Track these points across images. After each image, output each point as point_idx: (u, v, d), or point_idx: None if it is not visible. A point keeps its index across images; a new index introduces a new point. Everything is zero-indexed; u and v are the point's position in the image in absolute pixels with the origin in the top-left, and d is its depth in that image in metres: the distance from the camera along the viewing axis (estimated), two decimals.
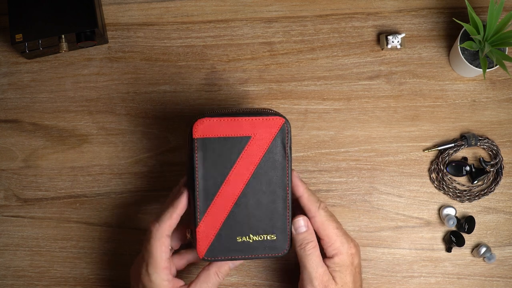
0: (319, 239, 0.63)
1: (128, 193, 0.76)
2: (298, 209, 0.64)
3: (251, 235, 0.62)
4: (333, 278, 0.62)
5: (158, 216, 0.62)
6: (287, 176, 0.62)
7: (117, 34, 0.79)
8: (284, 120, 0.61)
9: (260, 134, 0.61)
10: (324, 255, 0.63)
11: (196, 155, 0.61)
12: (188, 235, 0.65)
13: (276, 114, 0.62)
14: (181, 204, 0.61)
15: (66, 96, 0.78)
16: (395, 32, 0.78)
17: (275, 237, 0.62)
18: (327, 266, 0.62)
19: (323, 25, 0.79)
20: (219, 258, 0.62)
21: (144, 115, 0.78)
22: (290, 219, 0.63)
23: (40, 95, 0.78)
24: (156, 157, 0.77)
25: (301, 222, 0.63)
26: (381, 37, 0.78)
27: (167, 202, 0.64)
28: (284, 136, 0.62)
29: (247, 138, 0.61)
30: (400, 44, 0.77)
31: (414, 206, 0.76)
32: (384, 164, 0.76)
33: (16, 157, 0.77)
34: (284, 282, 0.74)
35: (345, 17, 0.80)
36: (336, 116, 0.77)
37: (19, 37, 0.73)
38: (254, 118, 0.61)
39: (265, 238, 0.62)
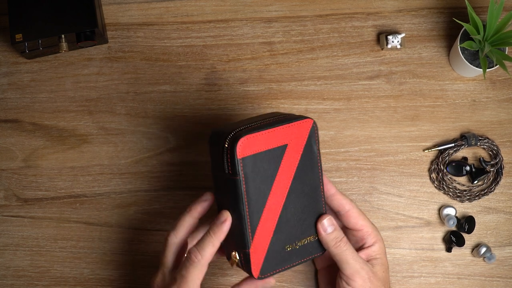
0: (354, 231, 0.64)
1: (128, 193, 0.76)
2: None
3: (296, 242, 0.61)
4: (373, 265, 0.63)
5: (198, 242, 0.59)
6: (320, 175, 0.62)
7: (117, 34, 0.79)
8: (312, 121, 0.60)
9: (295, 140, 0.60)
10: (361, 246, 0.64)
11: (243, 175, 0.57)
12: (236, 260, 0.60)
13: (303, 117, 0.61)
14: (224, 232, 0.58)
15: (66, 96, 0.78)
16: (395, 32, 0.78)
17: (315, 238, 0.62)
18: (368, 255, 0.64)
19: (323, 25, 0.79)
20: (272, 272, 0.60)
21: (144, 115, 0.78)
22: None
23: (40, 95, 0.78)
24: (156, 157, 0.77)
25: (325, 222, 0.62)
26: (381, 37, 0.78)
27: (187, 216, 0.62)
28: (313, 137, 0.61)
29: (284, 147, 0.59)
30: (400, 44, 0.77)
31: (414, 206, 0.76)
32: (384, 164, 0.76)
33: (16, 157, 0.77)
34: (284, 282, 0.74)
35: (345, 17, 0.80)
36: (336, 116, 0.77)
37: (19, 37, 0.73)
38: (287, 125, 0.59)
39: (308, 241, 0.61)
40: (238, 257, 0.60)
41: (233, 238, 0.59)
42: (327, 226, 0.62)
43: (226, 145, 0.57)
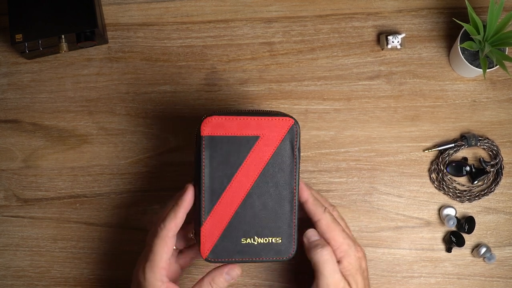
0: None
1: (128, 193, 0.76)
2: (304, 212, 0.64)
3: (256, 237, 0.61)
4: (348, 283, 0.60)
5: (162, 215, 0.60)
6: (295, 179, 0.61)
7: (117, 34, 0.79)
8: (293, 121, 0.60)
9: (268, 135, 0.60)
10: None
11: (204, 153, 0.60)
12: (192, 235, 0.63)
13: (286, 115, 0.61)
14: (186, 203, 0.60)
15: (66, 96, 0.78)
16: (395, 32, 0.78)
17: (280, 240, 0.61)
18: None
19: (323, 25, 0.79)
20: (223, 259, 0.60)
21: (144, 115, 0.78)
22: (296, 222, 0.62)
23: (40, 95, 0.78)
24: (156, 157, 0.77)
25: (312, 232, 0.62)
26: (381, 37, 0.78)
27: (171, 201, 0.63)
28: (293, 138, 0.60)
29: (256, 138, 0.60)
30: (400, 44, 0.77)
31: (414, 206, 0.76)
32: (384, 164, 0.76)
33: (16, 157, 0.77)
34: (284, 282, 0.74)
35: (345, 17, 0.80)
36: (336, 116, 0.77)
37: (19, 37, 0.73)
38: (263, 118, 0.60)
39: (270, 241, 0.61)
40: (193, 234, 0.62)
41: (194, 215, 0.61)
42: (311, 235, 0.62)
43: (200, 123, 0.60)
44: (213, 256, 0.60)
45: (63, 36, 0.74)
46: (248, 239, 0.61)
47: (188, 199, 0.60)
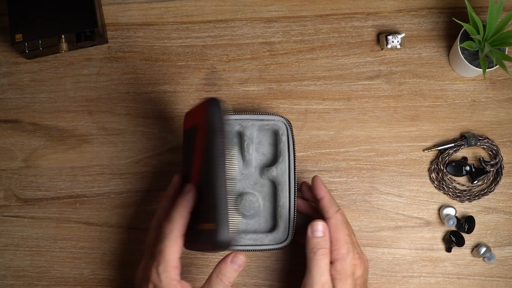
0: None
1: (128, 193, 0.76)
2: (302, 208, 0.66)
3: (200, 224, 0.59)
4: (334, 287, 0.61)
5: (167, 216, 0.60)
6: (220, 165, 0.56)
7: (117, 34, 0.79)
8: (209, 101, 0.57)
9: (201, 122, 0.59)
10: None
11: (184, 146, 0.64)
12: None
13: (213, 99, 0.59)
14: (190, 203, 0.60)
15: (66, 96, 0.78)
16: (395, 32, 0.78)
17: (214, 227, 0.55)
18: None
19: (323, 25, 0.79)
20: (188, 247, 0.61)
21: (144, 115, 0.78)
22: (294, 215, 0.64)
23: (40, 95, 0.78)
24: (156, 157, 0.77)
25: (319, 226, 0.62)
26: (381, 37, 0.78)
27: (165, 200, 0.64)
28: (217, 121, 0.57)
29: (196, 127, 0.61)
30: (400, 44, 0.77)
31: (414, 206, 0.76)
32: (384, 164, 0.76)
33: (16, 157, 0.77)
34: (284, 282, 0.74)
35: (345, 17, 0.80)
36: (336, 116, 0.77)
37: (19, 37, 0.73)
38: (197, 105, 0.61)
39: (206, 228, 0.57)
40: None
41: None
42: (316, 230, 0.62)
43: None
44: (185, 245, 0.60)
45: (63, 36, 0.74)
46: (198, 226, 0.59)
47: (192, 199, 0.60)
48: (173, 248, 0.59)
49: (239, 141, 0.73)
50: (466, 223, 0.74)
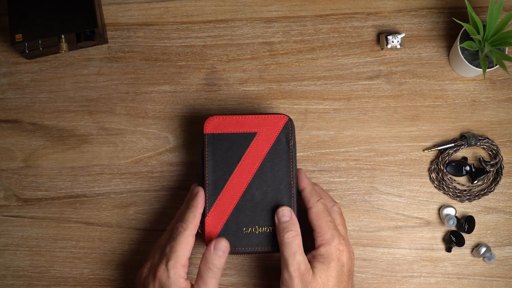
0: (312, 230, 0.64)
1: (128, 193, 0.76)
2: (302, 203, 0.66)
3: (257, 227, 0.65)
4: (312, 268, 0.61)
5: (180, 216, 0.64)
6: (291, 172, 0.66)
7: (117, 34, 0.79)
8: (287, 118, 0.67)
9: (265, 131, 0.67)
10: (313, 247, 0.63)
11: (206, 149, 0.66)
12: (199, 230, 0.66)
13: (279, 114, 0.67)
14: (200, 204, 0.64)
15: (66, 96, 0.78)
16: (395, 32, 0.78)
17: (271, 230, 0.65)
18: (313, 256, 0.62)
19: (323, 25, 0.79)
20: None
21: (144, 115, 0.78)
22: (296, 212, 0.65)
23: (40, 95, 0.78)
24: (156, 157, 0.77)
25: (285, 211, 0.64)
26: (381, 37, 0.78)
27: (183, 206, 0.67)
28: (287, 133, 0.67)
29: (253, 134, 0.67)
30: (400, 44, 0.77)
31: (414, 206, 0.76)
32: (384, 164, 0.76)
33: (16, 157, 0.77)
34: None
35: (345, 17, 0.80)
36: (336, 116, 0.77)
37: (19, 37, 0.73)
38: (259, 116, 0.67)
39: (270, 230, 0.65)
40: (199, 229, 0.66)
41: None
42: (282, 215, 0.64)
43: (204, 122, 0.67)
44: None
45: (63, 36, 0.74)
46: (250, 229, 0.65)
47: (201, 200, 0.65)
48: (185, 246, 0.61)
49: None
50: (466, 223, 0.74)
